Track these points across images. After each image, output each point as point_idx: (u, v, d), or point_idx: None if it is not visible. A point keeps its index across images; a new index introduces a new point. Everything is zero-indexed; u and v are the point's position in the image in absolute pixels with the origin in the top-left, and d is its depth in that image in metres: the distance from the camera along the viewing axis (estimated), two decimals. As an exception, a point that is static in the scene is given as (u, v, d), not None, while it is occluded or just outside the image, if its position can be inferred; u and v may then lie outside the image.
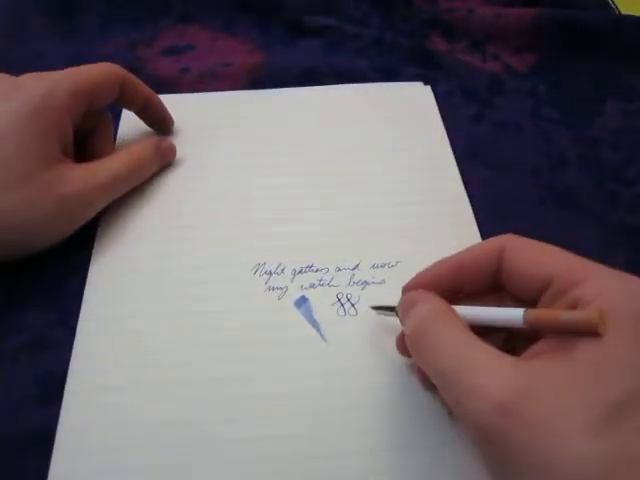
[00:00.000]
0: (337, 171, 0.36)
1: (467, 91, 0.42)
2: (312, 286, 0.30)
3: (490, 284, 0.24)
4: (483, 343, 0.20)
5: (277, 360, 0.28)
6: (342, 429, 0.25)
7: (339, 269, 0.31)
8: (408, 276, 0.27)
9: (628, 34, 0.44)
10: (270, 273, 0.31)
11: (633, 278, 0.20)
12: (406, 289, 0.25)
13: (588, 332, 0.18)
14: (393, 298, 0.30)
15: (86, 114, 0.32)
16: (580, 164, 0.37)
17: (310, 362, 0.27)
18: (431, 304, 0.23)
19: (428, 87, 0.42)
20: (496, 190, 0.35)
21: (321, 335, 0.28)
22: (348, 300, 0.30)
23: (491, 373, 0.19)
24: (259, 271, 0.31)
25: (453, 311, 0.22)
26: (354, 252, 0.32)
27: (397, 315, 0.25)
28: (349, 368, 0.27)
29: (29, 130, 0.28)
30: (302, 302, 0.30)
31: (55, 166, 0.29)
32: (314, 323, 0.29)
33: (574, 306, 0.20)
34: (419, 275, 0.25)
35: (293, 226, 0.33)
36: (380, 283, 0.30)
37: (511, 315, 0.21)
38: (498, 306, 0.22)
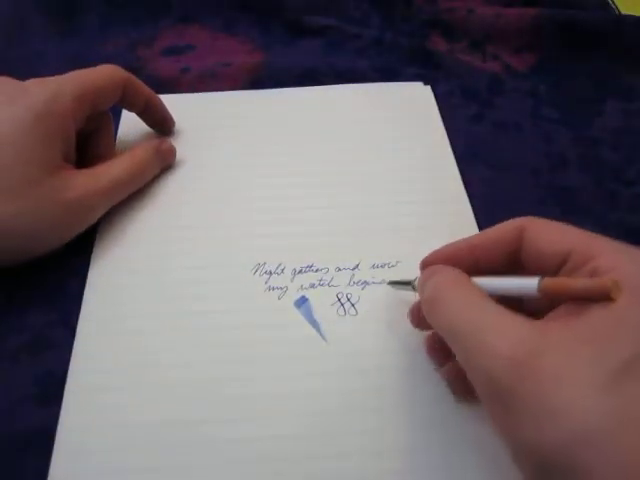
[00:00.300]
0: (337, 171, 0.36)
1: (467, 91, 0.42)
2: (312, 286, 0.30)
3: (507, 264, 0.24)
4: (498, 306, 0.21)
5: (277, 360, 0.28)
6: (342, 429, 0.25)
7: (339, 269, 0.31)
8: (408, 277, 0.28)
9: (628, 34, 0.44)
10: (270, 273, 0.31)
11: None
12: (424, 263, 0.26)
13: (602, 298, 0.19)
14: (393, 298, 0.30)
15: (89, 117, 0.32)
16: (580, 164, 0.37)
17: (310, 362, 0.27)
18: (448, 272, 0.24)
19: (428, 87, 0.42)
20: (496, 190, 0.35)
21: (321, 335, 0.28)
22: (348, 300, 0.30)
23: (503, 332, 0.19)
24: (259, 271, 0.31)
25: (469, 279, 0.23)
26: (354, 252, 0.32)
27: (413, 289, 0.27)
28: (349, 368, 0.27)
29: (32, 136, 0.28)
30: (302, 302, 0.30)
31: (57, 172, 0.29)
32: (314, 323, 0.29)
33: (592, 276, 0.20)
34: (437, 251, 0.26)
35: (293, 226, 0.33)
36: (380, 283, 0.30)
37: (526, 284, 0.21)
38: None
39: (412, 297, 0.28)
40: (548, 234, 0.23)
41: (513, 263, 0.24)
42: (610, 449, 0.16)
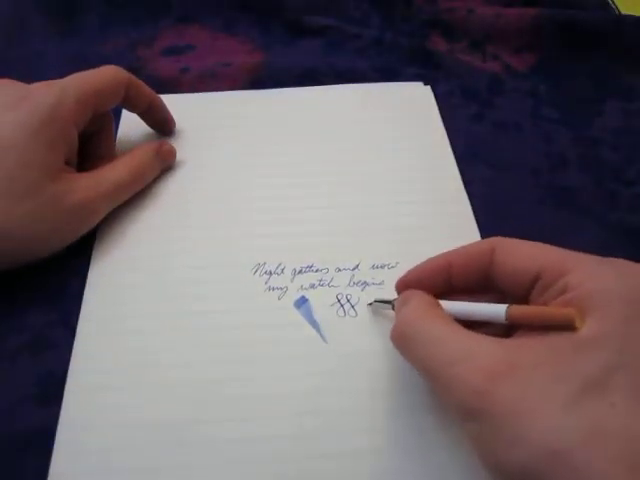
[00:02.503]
0: (337, 171, 0.36)
1: (467, 91, 0.42)
2: (312, 286, 0.30)
3: (480, 283, 0.24)
4: (466, 332, 0.21)
5: (277, 360, 0.28)
6: (342, 429, 0.25)
7: (339, 269, 0.31)
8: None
9: (628, 34, 0.44)
10: (270, 273, 0.31)
11: (622, 262, 0.21)
12: (398, 285, 0.27)
13: (566, 327, 0.19)
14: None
15: (90, 119, 0.32)
16: (580, 164, 0.37)
17: (310, 362, 0.27)
18: (416, 302, 0.24)
19: (428, 87, 0.42)
20: (496, 190, 0.35)
21: (321, 335, 0.28)
22: (348, 301, 0.30)
23: (470, 361, 0.20)
24: (259, 271, 0.31)
25: (438, 306, 0.24)
26: (354, 252, 0.32)
27: (393, 309, 0.27)
28: (349, 369, 0.27)
29: (36, 141, 0.28)
30: (302, 302, 0.30)
31: (59, 176, 0.29)
32: (314, 323, 0.29)
33: (563, 292, 0.20)
34: (410, 272, 0.26)
35: (293, 226, 0.33)
36: (380, 284, 0.30)
37: (494, 311, 0.22)
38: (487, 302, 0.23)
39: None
40: (518, 254, 0.23)
41: (486, 280, 0.24)
42: (576, 466, 0.16)
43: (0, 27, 0.46)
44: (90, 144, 0.33)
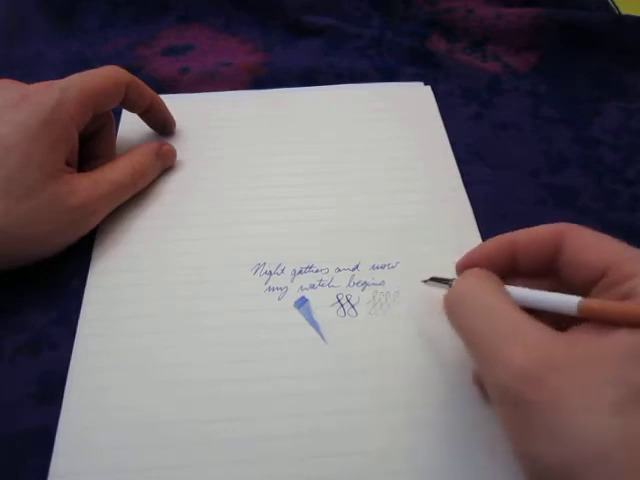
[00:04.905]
0: (337, 171, 0.36)
1: (467, 91, 0.42)
2: (312, 286, 0.30)
3: (543, 268, 0.24)
4: (520, 312, 0.20)
5: (277, 360, 0.27)
6: (342, 430, 0.25)
7: (339, 270, 0.31)
8: (408, 277, 0.27)
9: (628, 34, 0.44)
10: (270, 273, 0.31)
11: None
12: (458, 265, 0.26)
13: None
14: (392, 300, 0.30)
15: (91, 119, 0.32)
16: (580, 164, 0.37)
17: (310, 362, 0.27)
18: (476, 273, 0.23)
19: (428, 87, 0.42)
20: (496, 190, 0.35)
21: (321, 335, 0.28)
22: (348, 301, 0.30)
23: (519, 340, 0.19)
24: (259, 271, 0.31)
25: (497, 281, 0.23)
26: (354, 252, 0.32)
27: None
28: (348, 369, 0.27)
29: (37, 142, 0.28)
30: (302, 302, 0.30)
31: (60, 177, 0.29)
32: (314, 324, 0.29)
33: (626, 297, 0.20)
34: (472, 251, 0.25)
35: (293, 226, 0.33)
36: (380, 284, 0.30)
37: (565, 302, 0.21)
38: (549, 290, 0.22)
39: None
40: (589, 245, 0.22)
41: (549, 267, 0.23)
42: (615, 469, 0.16)
43: (0, 27, 0.46)
44: (90, 144, 0.33)
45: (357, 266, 0.31)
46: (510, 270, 0.24)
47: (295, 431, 0.25)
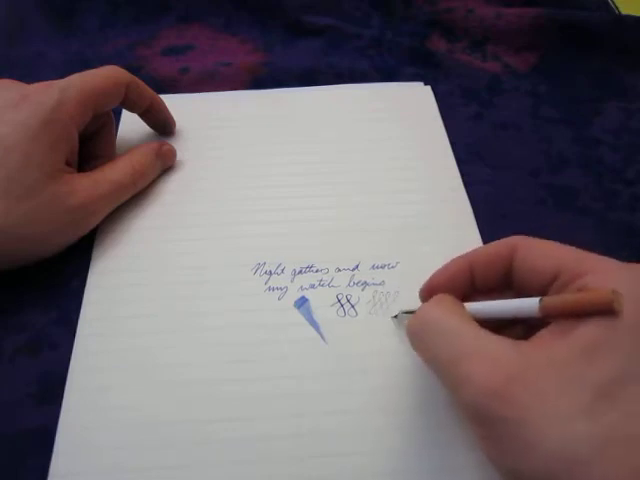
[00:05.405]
0: (337, 171, 0.36)
1: (467, 91, 0.42)
2: (312, 286, 0.30)
3: (500, 283, 0.24)
4: (481, 330, 0.21)
5: (277, 360, 0.28)
6: (342, 430, 0.25)
7: (339, 269, 0.31)
8: (407, 277, 0.28)
9: (628, 34, 0.44)
10: (270, 273, 0.31)
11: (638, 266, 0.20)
12: (422, 292, 0.26)
13: (604, 310, 0.18)
14: (392, 300, 0.30)
15: (91, 119, 0.32)
16: (580, 164, 0.37)
17: (310, 362, 0.27)
18: (437, 299, 0.23)
19: (428, 87, 0.42)
20: (496, 190, 0.35)
21: (321, 336, 0.28)
22: (348, 301, 0.30)
23: (483, 359, 0.19)
24: (259, 271, 0.31)
25: (457, 303, 0.23)
26: (354, 252, 0.32)
27: None
28: (348, 369, 0.27)
29: (37, 143, 0.28)
30: (302, 302, 0.30)
31: (60, 177, 0.29)
32: (314, 324, 0.29)
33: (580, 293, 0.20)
34: (432, 278, 0.25)
35: (293, 226, 0.33)
36: (380, 284, 0.30)
37: (526, 304, 0.21)
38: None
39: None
40: (538, 252, 0.23)
41: (507, 279, 0.24)
42: (592, 475, 0.16)
43: (0, 27, 0.46)
44: (90, 144, 0.33)
45: (357, 266, 0.31)
46: (470, 289, 0.25)
47: (295, 431, 0.25)
